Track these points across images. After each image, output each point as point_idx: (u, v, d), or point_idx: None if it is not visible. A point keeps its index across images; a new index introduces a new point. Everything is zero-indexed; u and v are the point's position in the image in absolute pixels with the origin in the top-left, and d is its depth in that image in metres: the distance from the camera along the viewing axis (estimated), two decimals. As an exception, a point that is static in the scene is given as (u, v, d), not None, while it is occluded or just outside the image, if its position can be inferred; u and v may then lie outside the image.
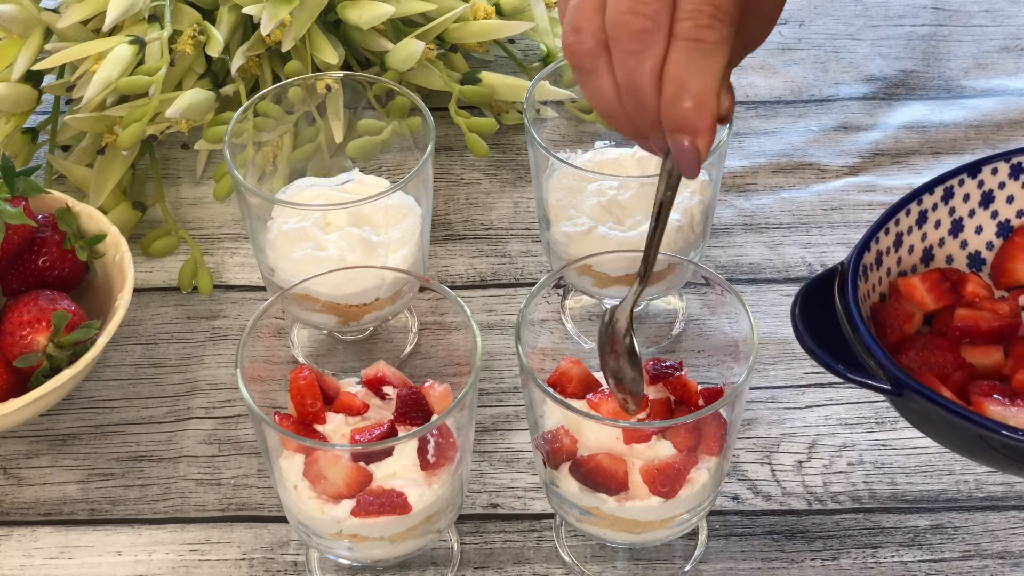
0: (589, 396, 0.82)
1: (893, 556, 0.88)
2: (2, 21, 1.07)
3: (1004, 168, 0.83)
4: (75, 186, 1.09)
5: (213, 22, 1.11)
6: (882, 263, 0.80)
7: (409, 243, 0.95)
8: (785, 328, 1.01)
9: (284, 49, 1.08)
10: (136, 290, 1.01)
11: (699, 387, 0.83)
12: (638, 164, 0.98)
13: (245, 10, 1.09)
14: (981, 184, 0.83)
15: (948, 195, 0.83)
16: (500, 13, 1.15)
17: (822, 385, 0.98)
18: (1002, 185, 0.83)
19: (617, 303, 0.78)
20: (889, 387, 0.71)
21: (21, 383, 0.91)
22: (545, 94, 1.02)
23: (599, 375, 0.84)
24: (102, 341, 0.91)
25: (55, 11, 1.09)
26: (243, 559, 0.89)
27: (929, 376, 0.76)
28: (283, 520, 0.90)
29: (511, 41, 1.22)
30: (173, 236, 1.08)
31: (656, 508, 0.81)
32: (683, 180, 0.74)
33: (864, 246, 0.79)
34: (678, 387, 0.82)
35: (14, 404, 0.88)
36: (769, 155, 1.15)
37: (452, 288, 0.99)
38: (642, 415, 0.81)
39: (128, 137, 1.04)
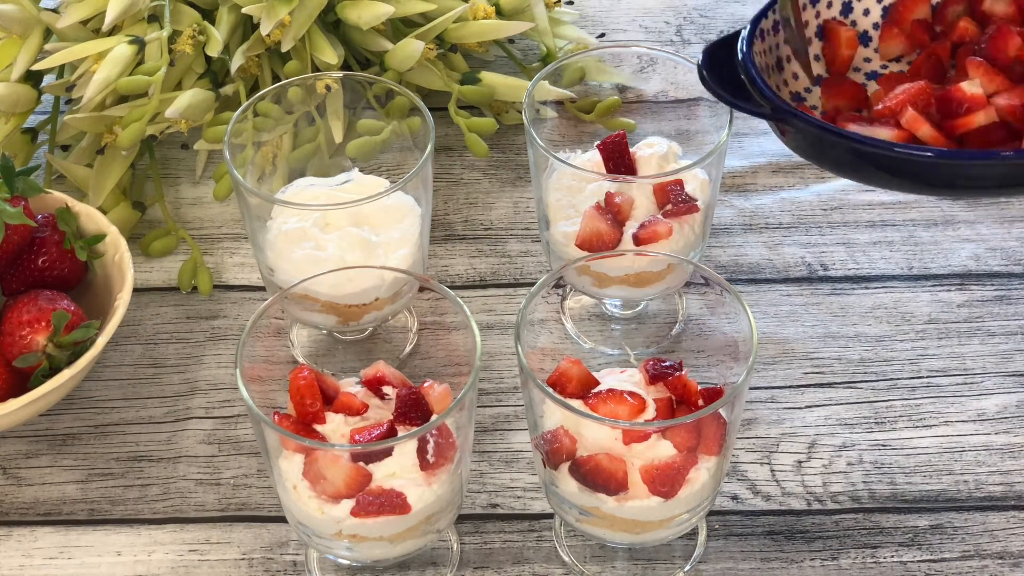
0: (589, 396, 0.82)
1: (893, 556, 0.88)
2: (2, 21, 1.07)
3: None
4: (75, 186, 1.09)
5: (213, 22, 1.11)
6: (779, 30, 0.96)
7: (409, 243, 0.95)
8: (785, 328, 1.01)
9: (284, 49, 1.08)
10: (136, 290, 1.01)
11: (699, 387, 0.83)
12: (636, 164, 0.98)
13: (245, 10, 1.09)
14: None
15: None
16: (500, 13, 1.15)
17: (821, 385, 0.98)
18: None
19: None
20: (769, 112, 0.89)
21: (21, 383, 0.91)
22: (545, 94, 1.02)
23: (599, 375, 0.84)
24: (102, 341, 0.91)
25: (55, 11, 1.09)
26: (243, 559, 0.89)
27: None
28: (283, 520, 0.90)
29: (511, 41, 1.22)
30: (173, 236, 1.08)
31: (656, 508, 0.81)
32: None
33: (762, 14, 0.95)
34: (678, 387, 0.82)
35: (14, 404, 0.88)
36: (769, 155, 1.15)
37: (452, 288, 0.99)
38: (641, 416, 0.81)
39: (128, 137, 1.04)
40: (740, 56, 0.92)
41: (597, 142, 0.98)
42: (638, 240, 0.93)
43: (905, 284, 1.04)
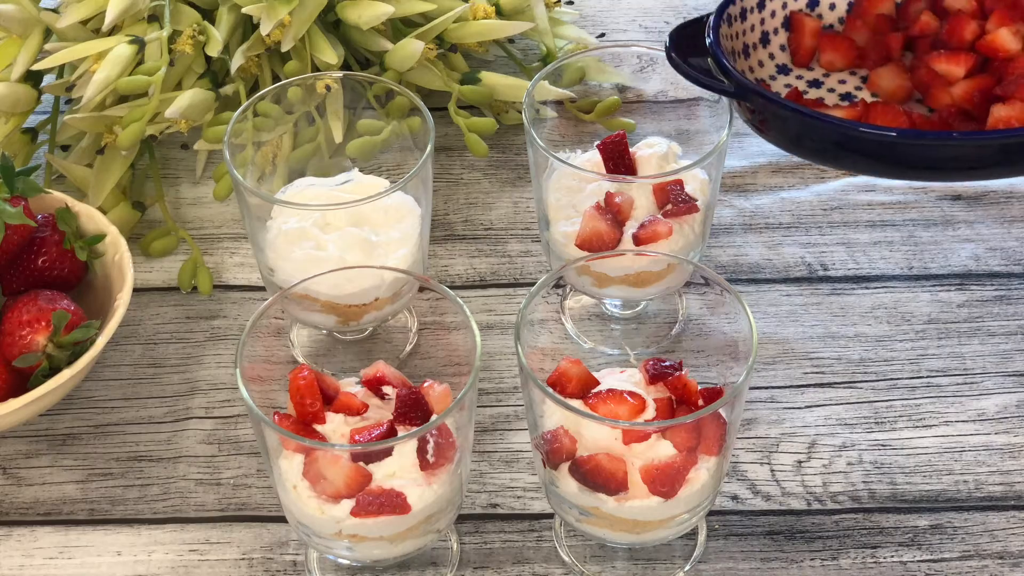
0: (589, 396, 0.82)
1: (892, 556, 0.88)
2: (2, 21, 1.07)
3: None
4: (75, 186, 1.09)
5: (213, 22, 1.11)
6: (746, 18, 1.01)
7: (408, 243, 0.95)
8: (785, 328, 1.01)
9: (284, 49, 1.08)
10: (136, 290, 1.01)
11: (699, 387, 0.83)
12: (636, 164, 0.98)
13: (245, 10, 1.09)
14: None
15: None
16: (500, 13, 1.15)
17: (822, 385, 0.98)
18: None
19: None
20: (732, 90, 0.93)
21: (21, 383, 0.91)
22: (545, 94, 1.02)
23: (599, 375, 0.84)
24: (101, 341, 0.91)
25: (55, 11, 1.09)
26: (242, 559, 0.89)
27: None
28: (282, 520, 0.90)
29: (511, 41, 1.22)
30: (173, 236, 1.08)
31: (656, 508, 0.81)
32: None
33: (730, 0, 1.00)
34: (678, 387, 0.82)
35: (14, 404, 0.88)
36: (769, 155, 1.15)
37: (452, 288, 0.99)
38: (641, 416, 0.81)
39: (128, 137, 1.04)
40: (708, 41, 0.95)
41: (597, 142, 0.98)
42: (638, 240, 0.93)
43: (905, 284, 1.04)
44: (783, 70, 1.03)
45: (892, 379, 0.98)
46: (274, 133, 1.02)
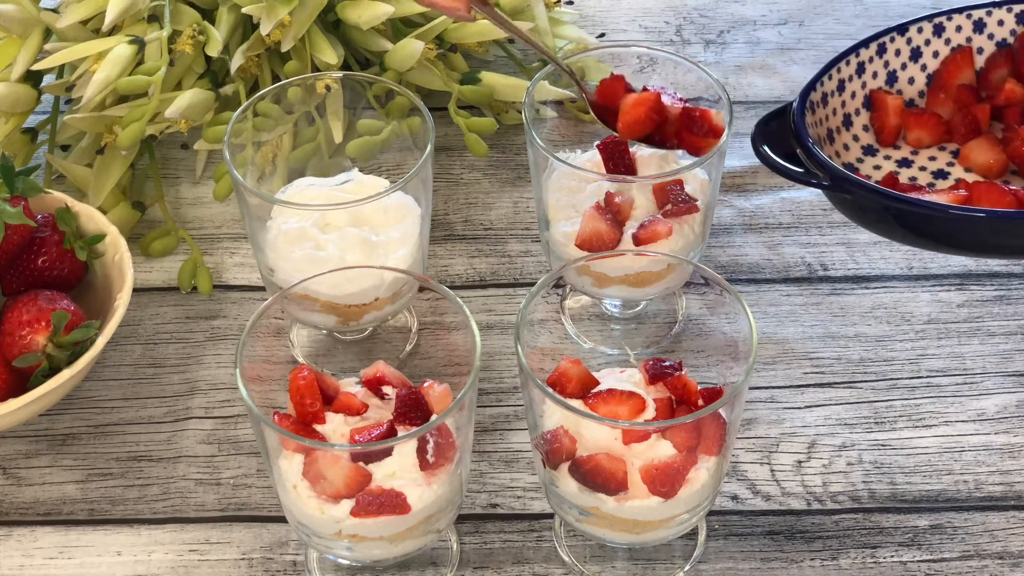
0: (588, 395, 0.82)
1: (892, 556, 0.88)
2: (2, 21, 1.07)
3: (928, 27, 1.02)
4: (75, 186, 1.09)
5: (213, 22, 1.11)
6: (828, 103, 0.99)
7: (408, 243, 0.95)
8: (785, 328, 1.01)
9: (284, 49, 1.08)
10: (135, 290, 1.01)
11: (699, 387, 0.83)
12: (636, 164, 0.98)
13: (245, 10, 1.09)
14: (909, 41, 1.02)
15: (881, 50, 1.01)
16: (500, 13, 1.15)
17: (821, 385, 0.98)
18: (927, 42, 1.02)
19: None
20: (828, 183, 0.90)
21: (21, 383, 0.91)
22: (544, 94, 1.02)
23: (599, 375, 0.84)
24: (101, 341, 0.91)
25: (55, 11, 1.09)
26: (242, 559, 0.89)
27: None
28: (282, 520, 0.90)
29: (511, 41, 1.22)
30: (172, 236, 1.08)
31: (655, 508, 0.81)
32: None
33: (811, 87, 0.97)
34: (678, 387, 0.82)
35: (14, 404, 0.88)
36: (769, 155, 1.14)
37: (451, 288, 0.99)
38: (641, 416, 0.81)
39: (128, 137, 1.04)
40: (794, 127, 0.93)
41: (597, 142, 0.98)
42: (638, 240, 0.93)
43: (905, 284, 1.04)
44: (869, 151, 1.01)
45: (892, 379, 0.98)
46: (274, 133, 1.02)
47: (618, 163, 0.96)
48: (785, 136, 0.94)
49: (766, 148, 0.93)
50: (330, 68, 1.09)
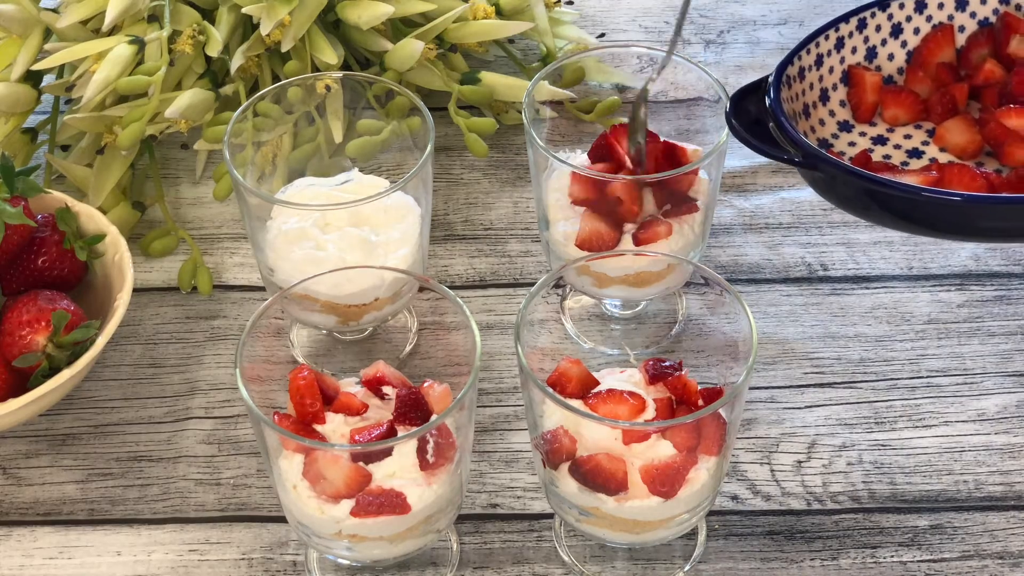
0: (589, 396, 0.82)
1: (892, 556, 0.88)
2: (2, 21, 1.07)
3: (910, 3, 1.00)
4: (75, 186, 1.09)
5: (213, 22, 1.11)
6: (805, 77, 0.97)
7: (408, 243, 0.95)
8: (785, 328, 1.01)
9: (284, 49, 1.08)
10: (135, 290, 1.01)
11: (699, 387, 0.83)
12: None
13: (245, 10, 1.09)
14: (891, 17, 1.00)
15: (862, 25, 0.99)
16: (500, 13, 1.15)
17: (821, 385, 0.98)
18: (908, 19, 1.00)
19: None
20: (800, 159, 0.88)
21: (21, 383, 0.91)
22: (544, 94, 1.02)
23: (599, 375, 0.84)
24: (101, 341, 0.91)
25: (55, 11, 1.09)
26: (242, 559, 0.89)
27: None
28: (282, 520, 0.90)
29: (510, 41, 1.22)
30: (172, 236, 1.08)
31: (655, 508, 0.81)
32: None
33: (788, 61, 0.95)
34: (678, 387, 0.82)
35: (14, 404, 0.88)
36: (769, 155, 1.14)
37: (451, 288, 0.99)
38: (641, 416, 0.81)
39: (127, 137, 1.04)
40: (768, 102, 0.92)
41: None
42: (638, 240, 0.93)
43: (905, 284, 1.04)
44: (845, 127, 0.99)
45: (892, 379, 0.98)
46: (274, 133, 1.02)
47: (607, 163, 0.96)
48: (761, 110, 0.93)
49: (735, 121, 0.91)
50: (330, 68, 1.09)
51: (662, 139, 0.97)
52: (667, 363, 0.83)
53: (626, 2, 1.31)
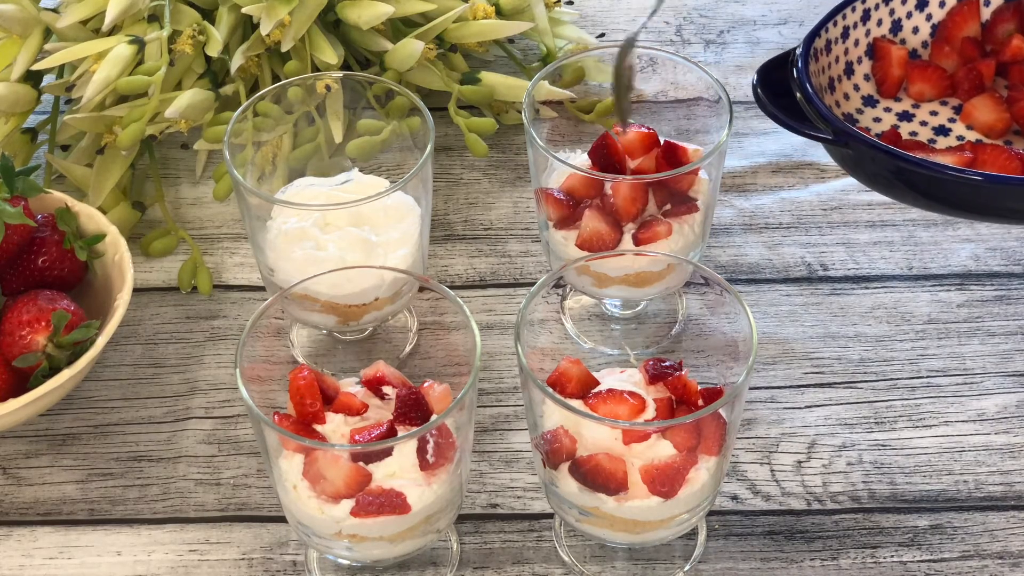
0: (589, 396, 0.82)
1: (892, 556, 0.88)
2: (2, 21, 1.07)
3: None
4: (75, 186, 1.09)
5: (213, 22, 1.11)
6: (831, 50, 0.96)
7: (408, 243, 0.95)
8: (785, 328, 1.01)
9: (283, 49, 1.08)
10: (135, 290, 1.01)
11: (699, 387, 0.83)
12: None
13: (245, 10, 1.09)
14: None
15: None
16: (500, 13, 1.15)
17: (821, 385, 0.98)
18: None
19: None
20: (831, 136, 0.88)
21: (21, 383, 0.91)
22: (544, 94, 1.02)
23: (599, 375, 0.84)
24: (101, 341, 0.91)
25: (55, 11, 1.09)
26: (242, 559, 0.89)
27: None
28: (282, 520, 0.90)
29: (511, 41, 1.22)
30: (172, 236, 1.08)
31: (655, 508, 0.81)
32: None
33: (815, 32, 0.95)
34: (678, 387, 0.82)
35: (14, 404, 0.88)
36: (769, 155, 1.15)
37: (451, 288, 0.99)
38: (641, 416, 0.81)
39: (128, 137, 1.04)
40: (796, 74, 0.91)
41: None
42: (638, 240, 0.93)
43: (905, 284, 1.04)
44: (869, 102, 0.99)
45: (892, 379, 0.98)
46: (274, 133, 1.02)
47: (607, 165, 0.96)
48: (785, 85, 0.92)
49: (763, 95, 0.91)
50: (330, 68, 1.09)
51: (662, 139, 0.97)
52: (667, 363, 0.83)
53: (626, 2, 1.31)
